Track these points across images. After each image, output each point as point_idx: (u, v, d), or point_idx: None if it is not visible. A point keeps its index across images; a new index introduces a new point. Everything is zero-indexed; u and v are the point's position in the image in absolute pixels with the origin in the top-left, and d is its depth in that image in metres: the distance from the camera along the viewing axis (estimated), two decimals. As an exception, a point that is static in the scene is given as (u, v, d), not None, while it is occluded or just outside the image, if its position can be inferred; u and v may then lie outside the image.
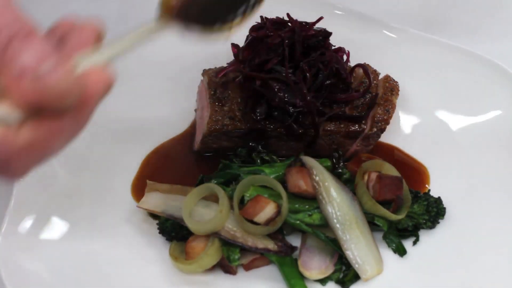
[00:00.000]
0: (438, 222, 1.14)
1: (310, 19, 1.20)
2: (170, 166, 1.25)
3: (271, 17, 1.20)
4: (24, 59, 0.57)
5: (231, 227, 1.08)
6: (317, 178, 1.11)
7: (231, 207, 1.09)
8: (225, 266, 1.09)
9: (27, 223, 1.11)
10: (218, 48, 1.28)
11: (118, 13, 1.55)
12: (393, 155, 1.26)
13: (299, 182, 1.11)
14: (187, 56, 1.34)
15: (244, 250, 1.08)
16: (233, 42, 1.21)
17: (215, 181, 1.15)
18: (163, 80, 1.34)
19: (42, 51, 0.58)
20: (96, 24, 0.65)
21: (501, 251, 1.09)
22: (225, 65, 1.23)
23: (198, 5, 0.82)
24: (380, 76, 1.26)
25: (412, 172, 1.23)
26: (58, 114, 0.59)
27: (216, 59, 1.25)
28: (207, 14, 0.82)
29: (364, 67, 1.22)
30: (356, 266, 1.07)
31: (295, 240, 1.13)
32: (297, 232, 1.14)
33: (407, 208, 1.12)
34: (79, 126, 0.64)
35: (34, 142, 0.59)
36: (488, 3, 1.47)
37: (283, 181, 1.13)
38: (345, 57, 1.22)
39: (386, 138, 1.27)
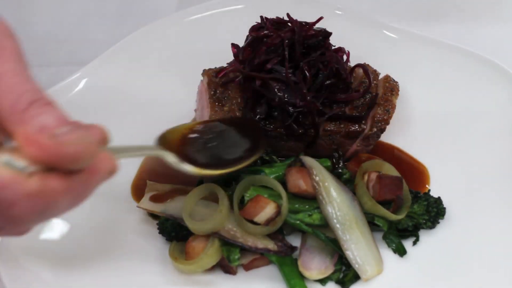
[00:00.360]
0: (438, 222, 1.14)
1: (310, 19, 1.20)
2: (170, 166, 1.24)
3: (271, 17, 1.20)
4: (44, 119, 0.61)
5: (231, 227, 1.07)
6: (317, 178, 1.11)
7: (231, 207, 1.09)
8: (225, 266, 1.09)
9: (27, 223, 1.11)
10: (218, 48, 1.29)
11: (117, 13, 1.55)
12: (393, 155, 1.26)
13: (299, 182, 1.11)
14: (187, 56, 1.34)
15: (244, 250, 1.08)
16: (233, 42, 1.21)
17: (215, 181, 1.15)
18: (163, 80, 1.34)
19: (61, 117, 0.63)
20: (103, 128, 0.68)
21: (501, 251, 1.09)
22: (225, 65, 1.23)
23: (195, 146, 0.98)
24: (380, 76, 1.26)
25: (412, 172, 1.23)
26: (67, 175, 0.62)
27: (216, 59, 1.25)
28: (202, 155, 0.97)
29: (364, 67, 1.22)
30: (356, 266, 1.07)
31: (295, 240, 1.13)
32: (297, 232, 1.14)
33: (407, 208, 1.12)
34: (82, 194, 0.67)
35: (41, 192, 0.60)
36: (488, 3, 1.47)
37: (283, 181, 1.13)
38: (345, 57, 1.22)
39: (386, 138, 1.27)
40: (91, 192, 0.68)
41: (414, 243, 1.13)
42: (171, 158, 0.91)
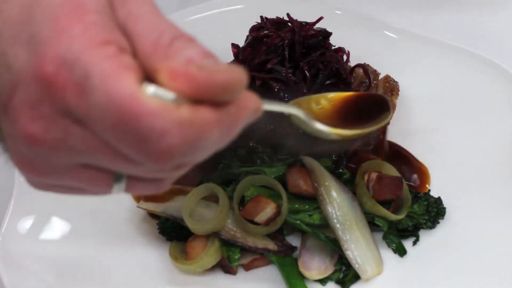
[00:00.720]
0: (438, 222, 1.14)
1: (310, 19, 1.20)
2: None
3: (271, 17, 1.20)
4: (189, 52, 0.58)
5: (231, 227, 1.07)
6: (317, 178, 1.11)
7: (231, 207, 1.09)
8: (225, 266, 1.09)
9: (27, 223, 1.11)
10: (218, 48, 1.28)
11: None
12: (393, 155, 1.26)
13: (299, 182, 1.11)
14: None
15: (244, 250, 1.08)
16: (233, 42, 1.21)
17: (215, 181, 1.15)
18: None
19: (206, 51, 0.59)
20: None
21: (502, 251, 1.09)
22: (225, 65, 1.23)
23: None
24: (380, 76, 1.26)
25: (415, 172, 1.23)
26: (217, 106, 0.59)
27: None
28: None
29: (364, 67, 1.22)
30: (356, 266, 1.07)
31: (295, 240, 1.13)
32: (297, 232, 1.14)
33: (407, 208, 1.12)
34: (231, 128, 0.62)
35: (193, 121, 0.56)
36: (488, 3, 1.47)
37: (283, 181, 1.13)
38: (345, 57, 1.22)
39: (386, 138, 1.27)
40: (239, 128, 0.63)
41: (414, 243, 1.13)
42: (304, 115, 0.83)
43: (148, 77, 0.58)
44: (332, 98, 1.00)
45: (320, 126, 0.86)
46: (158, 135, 0.55)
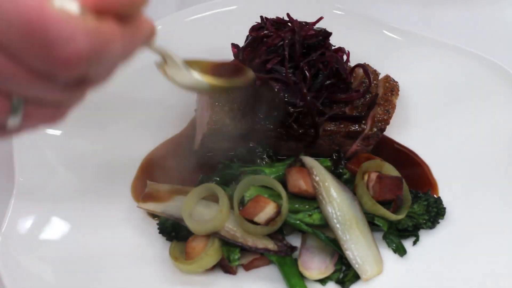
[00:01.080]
0: (438, 222, 1.14)
1: (310, 19, 1.20)
2: (170, 166, 1.25)
3: (271, 17, 1.20)
4: None
5: (231, 227, 1.08)
6: (317, 178, 1.11)
7: (231, 207, 1.09)
8: (225, 266, 1.09)
9: (27, 223, 1.11)
10: (218, 48, 1.29)
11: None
12: (394, 154, 1.27)
13: (299, 182, 1.11)
14: (188, 56, 1.34)
15: (244, 250, 1.08)
16: (233, 42, 1.21)
17: (215, 181, 1.15)
18: (163, 80, 1.34)
19: None
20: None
21: (501, 250, 1.09)
22: (225, 65, 1.23)
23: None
24: (380, 76, 1.26)
25: (415, 172, 1.23)
26: (119, 21, 0.61)
27: (216, 59, 1.24)
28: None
29: (364, 67, 1.22)
30: (356, 266, 1.07)
31: (295, 240, 1.13)
32: (297, 232, 1.14)
33: (407, 208, 1.12)
34: (131, 46, 0.65)
35: (98, 30, 0.59)
36: (488, 3, 1.47)
37: (283, 181, 1.13)
38: (345, 57, 1.22)
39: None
40: (137, 47, 0.66)
41: (414, 243, 1.13)
42: (178, 59, 0.84)
43: None
44: (203, 64, 0.97)
45: (195, 75, 0.86)
46: (66, 40, 0.57)
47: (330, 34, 1.20)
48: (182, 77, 0.86)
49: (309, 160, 1.13)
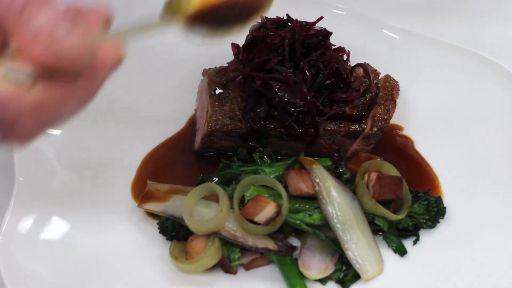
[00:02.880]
0: (439, 222, 1.14)
1: (310, 19, 1.20)
2: (170, 165, 1.24)
3: (271, 17, 1.20)
4: (39, 21, 0.58)
5: (231, 227, 1.07)
6: (317, 179, 1.10)
7: (232, 207, 1.08)
8: (225, 266, 1.09)
9: (27, 223, 1.11)
10: (219, 48, 1.28)
11: (117, 13, 1.54)
12: (394, 154, 1.27)
13: (300, 185, 1.10)
14: (188, 56, 1.34)
15: (244, 249, 1.08)
16: (233, 42, 1.21)
17: (215, 181, 1.15)
18: (163, 80, 1.34)
19: (57, 17, 0.59)
20: (104, 9, 0.65)
21: (501, 250, 1.09)
22: (225, 65, 1.23)
23: (206, 12, 0.84)
24: (381, 76, 1.26)
25: (416, 172, 1.23)
26: (70, 79, 0.60)
27: (216, 59, 1.25)
28: (213, 19, 0.84)
29: (364, 66, 1.22)
30: (356, 266, 1.07)
31: (295, 240, 1.13)
32: (297, 232, 1.14)
33: (408, 208, 1.12)
34: (89, 94, 0.64)
35: (44, 102, 0.58)
36: (488, 3, 1.47)
37: (283, 181, 1.12)
38: (345, 57, 1.22)
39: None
40: (98, 89, 0.65)
41: (415, 242, 1.13)
42: (179, 26, 0.81)
43: (8, 41, 0.59)
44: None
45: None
46: (11, 121, 0.57)
47: (330, 33, 1.19)
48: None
49: (309, 161, 1.13)
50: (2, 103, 0.56)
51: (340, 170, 1.19)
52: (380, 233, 1.13)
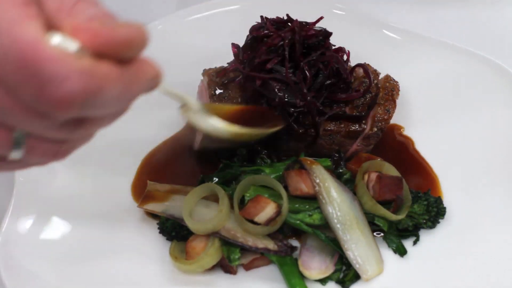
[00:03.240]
0: (439, 222, 1.14)
1: (310, 19, 1.20)
2: (170, 166, 1.25)
3: (271, 17, 1.20)
4: (92, 11, 0.61)
5: (232, 227, 1.07)
6: (317, 179, 1.10)
7: (232, 207, 1.09)
8: (225, 266, 1.09)
9: (27, 223, 1.11)
10: (219, 48, 1.29)
11: (117, 13, 1.55)
12: (395, 154, 1.27)
13: (301, 185, 1.10)
14: (188, 56, 1.34)
15: (244, 250, 1.08)
16: (233, 42, 1.21)
17: (215, 181, 1.15)
18: (163, 80, 1.34)
19: (108, 12, 0.62)
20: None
21: (501, 250, 1.09)
22: (225, 65, 1.23)
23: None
24: (381, 76, 1.26)
25: (416, 172, 1.23)
26: (117, 63, 0.61)
27: (216, 59, 1.25)
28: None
29: (364, 67, 1.22)
30: (356, 266, 1.07)
31: (295, 240, 1.13)
32: (297, 232, 1.14)
33: (408, 208, 1.12)
34: (131, 89, 0.63)
35: (93, 72, 0.58)
36: (489, 2, 1.47)
37: (283, 181, 1.12)
38: (345, 57, 1.22)
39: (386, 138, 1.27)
40: (138, 90, 0.65)
41: (415, 243, 1.13)
42: (195, 104, 0.82)
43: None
44: (226, 109, 0.98)
45: (215, 122, 0.84)
46: (59, 80, 0.57)
47: (330, 34, 1.19)
48: (202, 122, 0.83)
49: (308, 161, 1.13)
50: (53, 58, 0.56)
51: (340, 170, 1.19)
52: (379, 233, 1.13)
